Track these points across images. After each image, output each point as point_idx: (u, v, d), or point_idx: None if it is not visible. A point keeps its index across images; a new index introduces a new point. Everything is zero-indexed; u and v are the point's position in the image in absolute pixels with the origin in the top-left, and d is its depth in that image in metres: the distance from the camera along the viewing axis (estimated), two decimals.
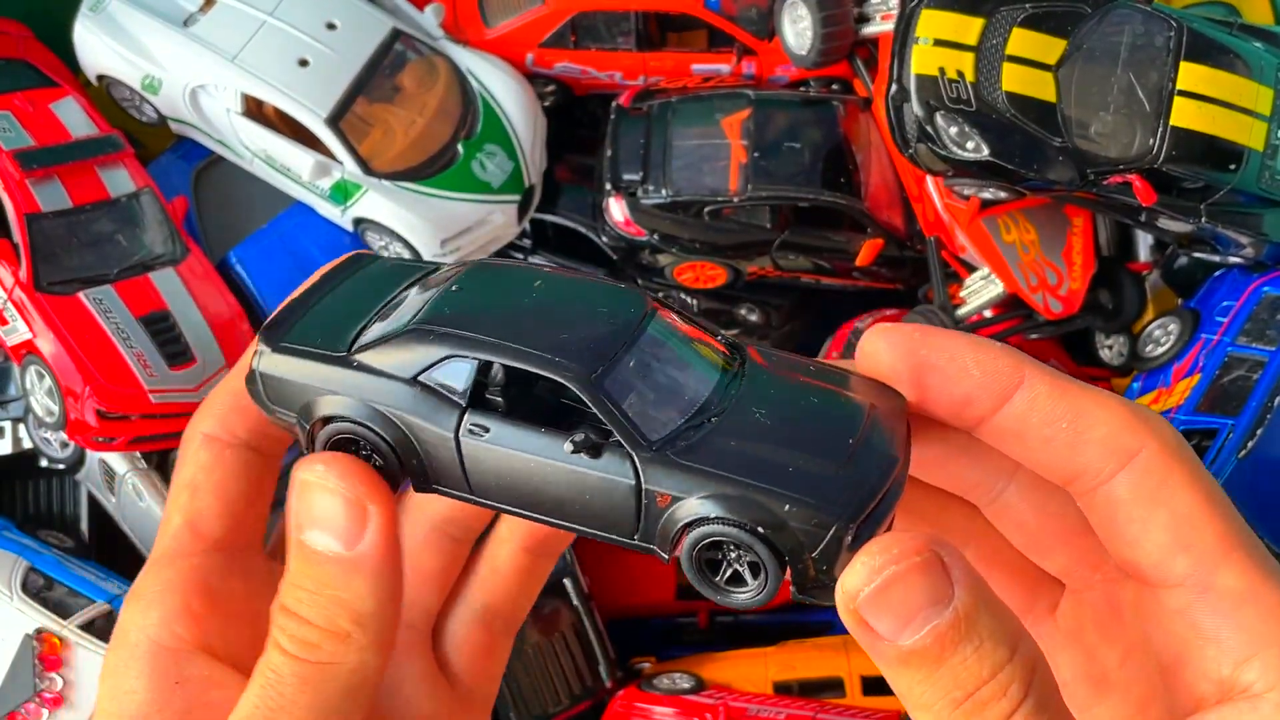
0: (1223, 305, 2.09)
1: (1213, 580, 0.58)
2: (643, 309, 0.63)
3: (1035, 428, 0.61)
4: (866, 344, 0.64)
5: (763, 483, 0.58)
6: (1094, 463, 0.60)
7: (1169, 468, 0.60)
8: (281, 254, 2.29)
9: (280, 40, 2.18)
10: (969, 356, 0.62)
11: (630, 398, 0.60)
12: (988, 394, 0.61)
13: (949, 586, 0.54)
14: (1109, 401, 0.61)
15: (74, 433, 1.99)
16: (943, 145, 1.87)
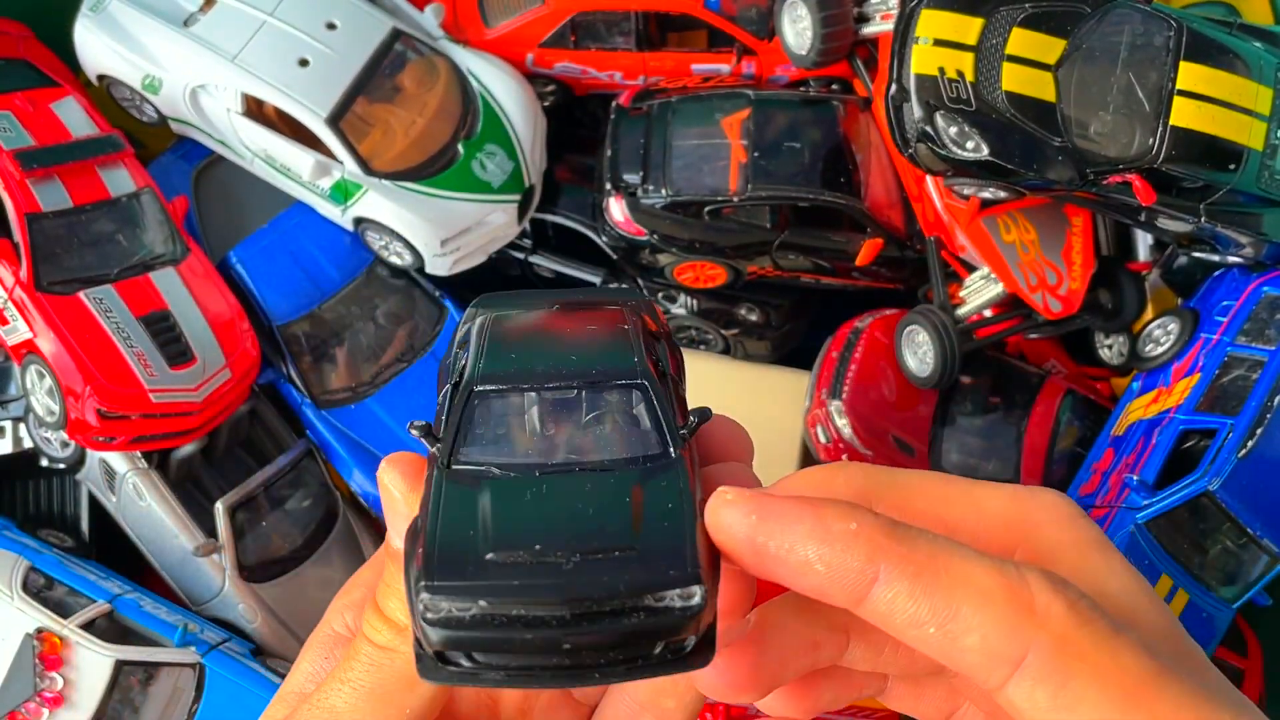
0: (1222, 305, 2.09)
1: None
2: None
3: (900, 630, 0.52)
4: (709, 513, 0.56)
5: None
6: (978, 673, 0.51)
7: (1066, 669, 0.50)
8: (281, 254, 2.29)
9: (280, 40, 2.18)
10: (811, 549, 0.52)
11: None
12: (838, 592, 0.52)
13: None
14: (987, 595, 0.51)
15: (74, 432, 2.00)
16: (942, 145, 1.87)
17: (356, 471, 2.25)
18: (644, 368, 0.63)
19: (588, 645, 0.53)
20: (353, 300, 2.33)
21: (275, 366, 2.29)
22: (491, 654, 0.54)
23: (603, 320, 0.67)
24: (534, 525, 0.56)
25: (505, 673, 0.54)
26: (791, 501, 0.54)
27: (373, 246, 2.31)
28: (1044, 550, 0.57)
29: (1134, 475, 1.97)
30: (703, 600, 0.53)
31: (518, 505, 0.58)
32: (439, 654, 0.55)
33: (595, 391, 0.63)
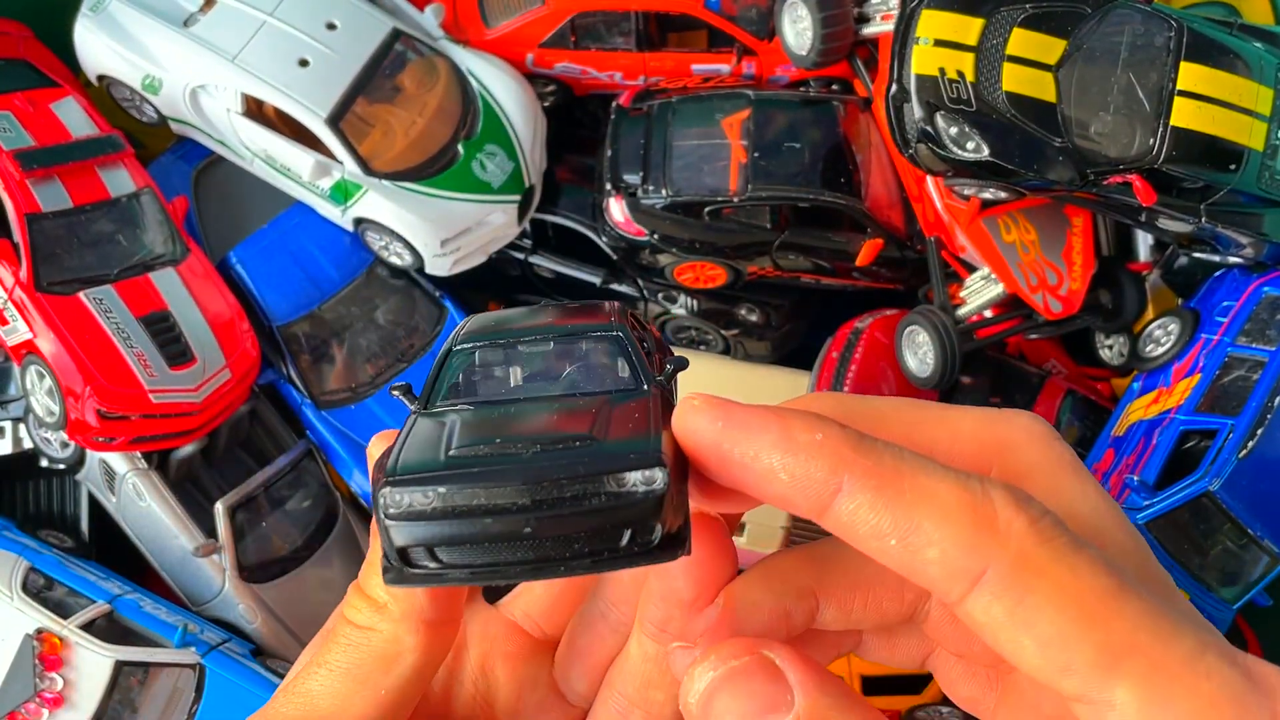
0: (1223, 305, 2.09)
1: (1108, 698, 0.50)
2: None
3: (864, 541, 0.52)
4: (676, 418, 0.56)
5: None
6: (938, 586, 0.51)
7: (1026, 584, 0.49)
8: (281, 254, 2.29)
9: (280, 40, 2.18)
10: (775, 458, 0.52)
11: None
12: (804, 501, 0.52)
13: (785, 693, 0.50)
14: (948, 509, 0.51)
15: (74, 433, 1.99)
16: (943, 145, 1.87)
17: (356, 472, 2.25)
18: (620, 325, 0.63)
19: (550, 533, 0.53)
20: (353, 300, 2.33)
21: (275, 367, 2.29)
22: (454, 548, 0.53)
23: (585, 309, 0.68)
24: (499, 428, 0.57)
25: (470, 570, 0.53)
26: (758, 410, 0.53)
27: (373, 247, 2.31)
28: (1017, 470, 0.57)
29: (1134, 476, 1.97)
30: (665, 483, 0.52)
31: (482, 420, 0.59)
32: (404, 558, 0.54)
33: (570, 341, 0.63)
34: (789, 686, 0.50)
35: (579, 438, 0.55)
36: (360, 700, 0.61)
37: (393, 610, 0.60)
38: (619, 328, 0.64)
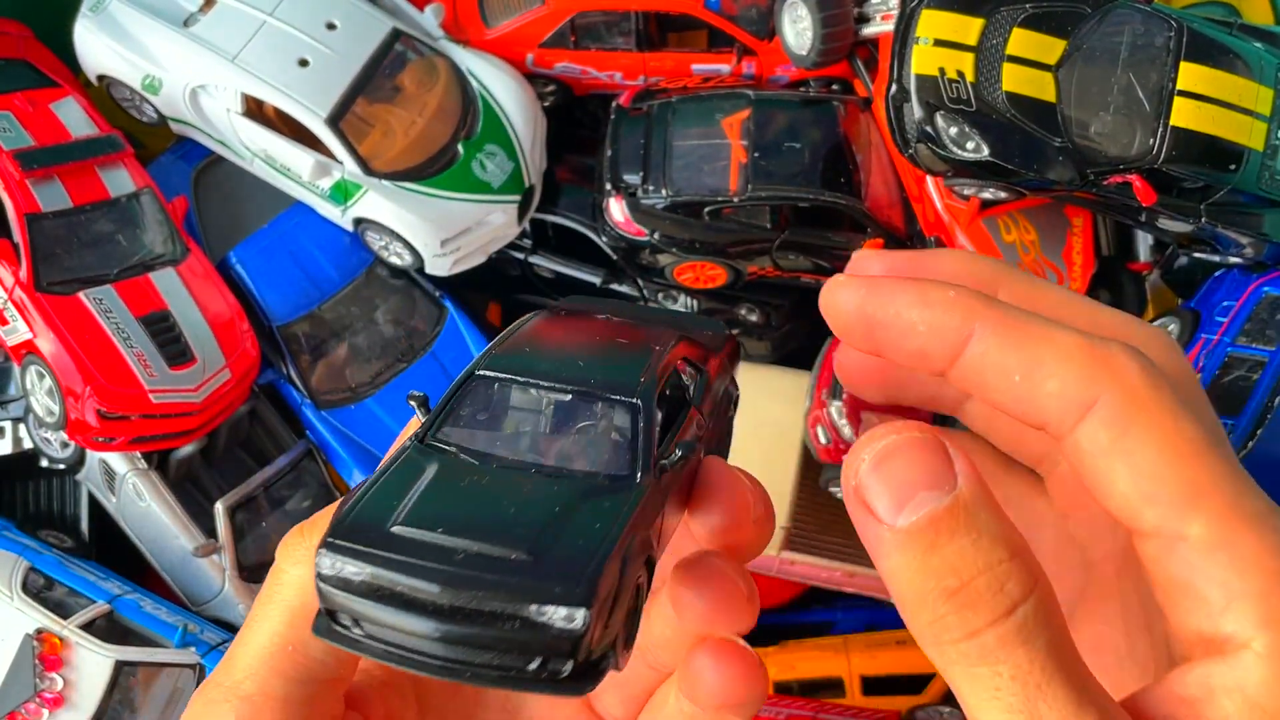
0: (1223, 305, 2.09)
1: (1183, 530, 0.56)
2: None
3: (990, 381, 0.59)
4: (824, 296, 0.64)
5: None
6: (1053, 415, 0.58)
7: (1130, 417, 0.56)
8: (281, 254, 2.29)
9: (280, 40, 2.18)
10: (915, 313, 0.60)
11: None
12: (938, 350, 0.60)
13: (951, 473, 0.53)
14: (1069, 349, 0.58)
15: (74, 433, 1.99)
16: (943, 145, 1.87)
17: (356, 472, 2.25)
18: (647, 389, 0.62)
19: (461, 641, 0.53)
20: (353, 300, 2.33)
21: (275, 367, 2.29)
22: (372, 625, 0.54)
23: (638, 337, 0.67)
24: (452, 510, 0.56)
25: (386, 647, 0.54)
26: (896, 278, 0.62)
27: (372, 247, 2.31)
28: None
29: None
30: (584, 626, 0.52)
31: (450, 488, 0.58)
32: (330, 614, 0.55)
33: (586, 401, 0.62)
34: (954, 471, 0.53)
35: (520, 550, 0.54)
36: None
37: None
38: (643, 394, 0.62)
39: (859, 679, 2.15)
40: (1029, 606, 0.52)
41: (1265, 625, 0.54)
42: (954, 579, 0.52)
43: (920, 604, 0.53)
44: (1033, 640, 0.52)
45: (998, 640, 0.52)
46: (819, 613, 2.36)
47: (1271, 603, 0.54)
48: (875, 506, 0.53)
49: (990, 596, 0.52)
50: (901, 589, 0.54)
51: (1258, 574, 0.54)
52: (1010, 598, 0.52)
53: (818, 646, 2.24)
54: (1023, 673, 0.51)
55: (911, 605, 0.54)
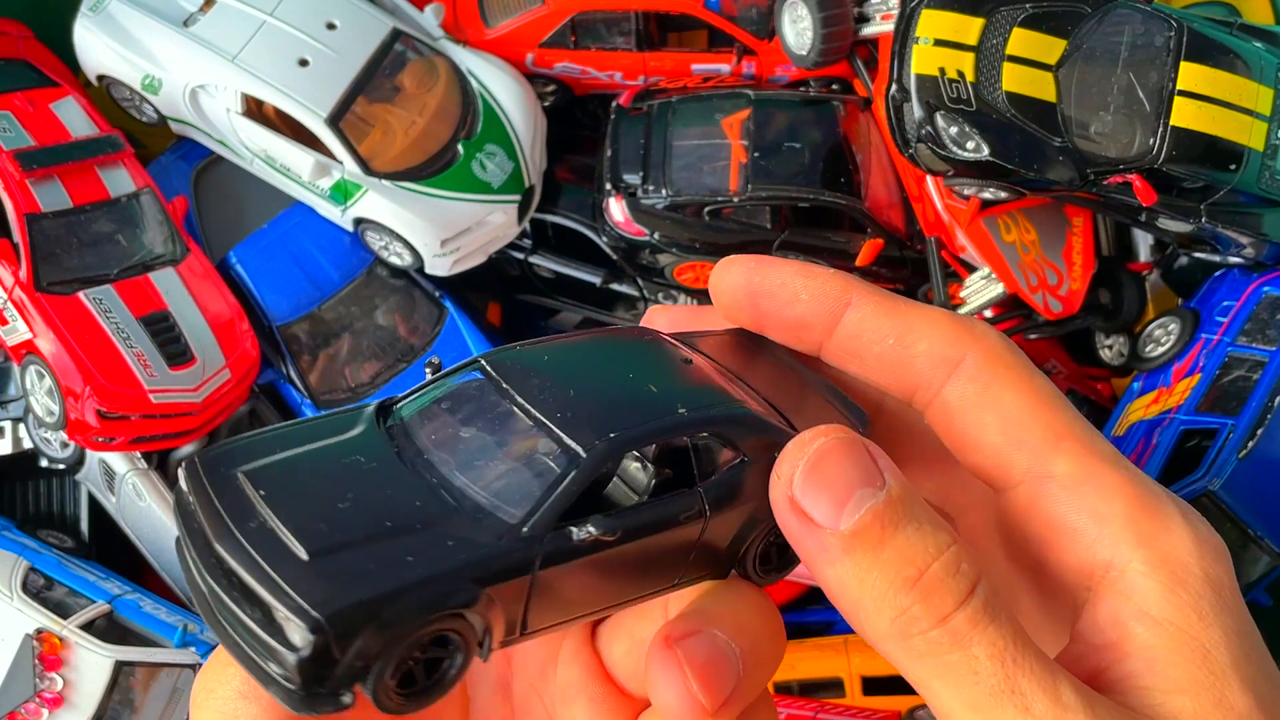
0: (1223, 305, 2.09)
1: (1050, 470, 0.59)
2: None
3: (866, 345, 0.63)
4: (715, 274, 0.66)
5: None
6: (923, 374, 0.61)
7: (994, 372, 0.60)
8: (281, 254, 2.29)
9: (280, 40, 2.18)
10: (799, 282, 0.64)
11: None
12: (818, 317, 0.63)
13: (877, 471, 0.54)
14: (935, 316, 0.62)
15: (74, 433, 1.99)
16: (943, 145, 1.87)
17: None
18: (612, 446, 0.57)
19: (221, 604, 0.53)
20: (352, 301, 2.33)
21: (275, 366, 2.29)
22: (185, 550, 0.56)
23: (704, 389, 0.63)
24: (301, 481, 0.56)
25: (190, 572, 0.56)
26: (781, 259, 0.66)
27: (372, 247, 2.31)
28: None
29: None
30: (307, 646, 0.49)
31: (329, 460, 0.58)
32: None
33: (541, 434, 0.58)
34: (880, 468, 0.55)
35: (304, 541, 0.52)
36: None
37: None
38: (599, 451, 0.56)
39: (859, 679, 2.15)
40: (986, 584, 0.53)
41: (1139, 544, 0.55)
42: (911, 569, 0.52)
43: (880, 602, 0.53)
44: (999, 615, 0.52)
45: (968, 621, 0.52)
46: (819, 613, 2.36)
47: (1140, 524, 0.56)
48: (814, 514, 0.54)
49: (950, 579, 0.52)
50: (856, 593, 0.53)
51: (1122, 500, 0.57)
52: (967, 578, 0.53)
53: (818, 646, 2.24)
54: (998, 650, 0.52)
55: (870, 606, 0.53)
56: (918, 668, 0.54)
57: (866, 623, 0.54)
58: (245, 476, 0.56)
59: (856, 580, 0.53)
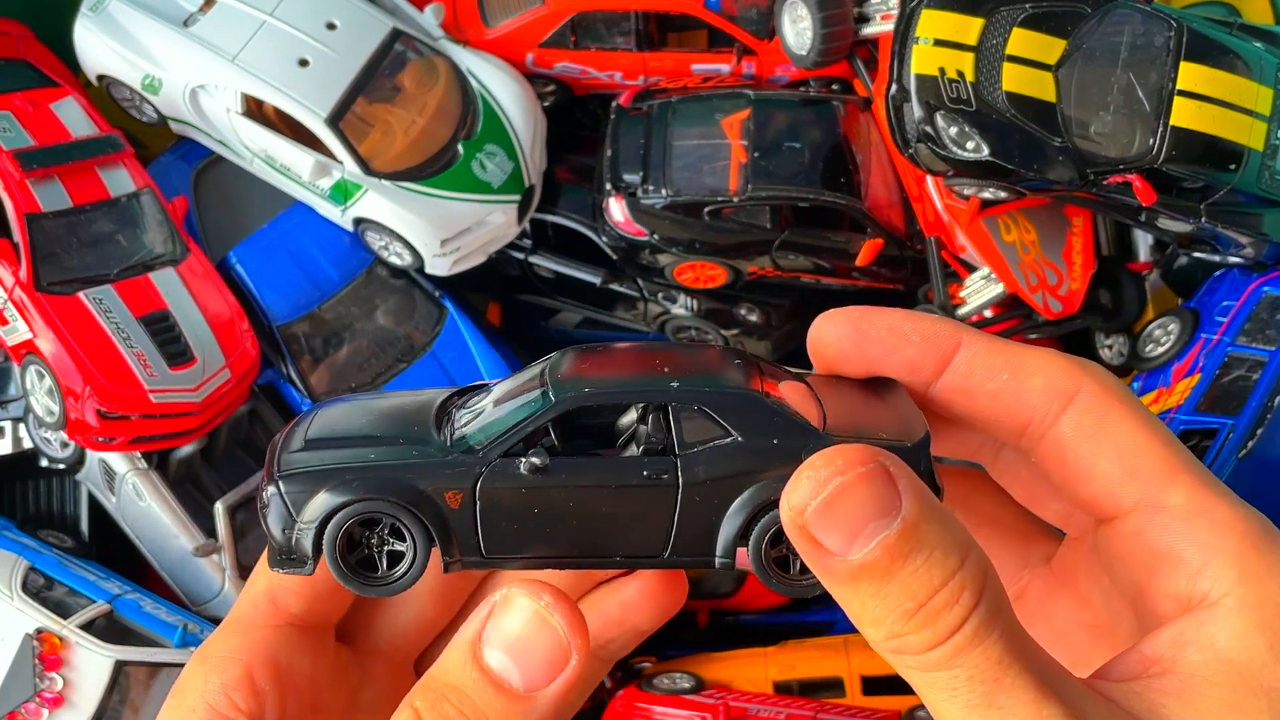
0: (1223, 305, 2.09)
1: (1163, 501, 0.60)
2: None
3: (979, 383, 0.65)
4: (814, 330, 0.68)
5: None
6: (1038, 408, 0.64)
7: (1108, 404, 0.63)
8: (281, 254, 2.29)
9: (280, 40, 2.18)
10: (907, 326, 0.66)
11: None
12: (929, 358, 0.65)
13: (896, 497, 0.54)
14: (1048, 353, 0.65)
15: (74, 433, 1.99)
16: (943, 145, 1.87)
17: None
18: (578, 394, 0.63)
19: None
20: (352, 300, 2.33)
21: (275, 366, 2.29)
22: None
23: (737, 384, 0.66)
24: (361, 405, 0.69)
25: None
26: (883, 307, 0.68)
27: (372, 247, 2.31)
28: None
29: None
30: (268, 501, 0.62)
31: (394, 401, 0.69)
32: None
33: (535, 391, 0.66)
34: (899, 493, 0.55)
35: (299, 445, 0.66)
36: None
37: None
38: (564, 395, 0.63)
39: (859, 679, 2.15)
40: (983, 608, 0.54)
41: (1240, 581, 0.57)
42: (911, 602, 0.54)
43: (878, 626, 0.55)
44: (987, 640, 0.54)
45: (954, 649, 0.54)
46: (819, 613, 2.36)
47: (1246, 561, 0.57)
48: (825, 543, 0.55)
49: (946, 611, 0.54)
50: (857, 611, 0.56)
51: (1233, 536, 0.58)
52: (965, 608, 0.54)
53: (818, 646, 2.24)
54: (980, 672, 0.54)
55: (868, 626, 0.56)
56: (909, 676, 0.57)
57: (865, 633, 0.57)
58: (318, 409, 0.69)
59: (859, 604, 0.55)
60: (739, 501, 0.62)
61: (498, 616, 0.60)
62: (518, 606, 0.60)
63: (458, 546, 0.62)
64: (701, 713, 2.06)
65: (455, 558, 0.63)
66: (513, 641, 0.59)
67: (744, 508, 0.62)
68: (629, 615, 0.74)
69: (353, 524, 0.62)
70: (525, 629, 0.59)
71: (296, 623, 0.70)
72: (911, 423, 0.65)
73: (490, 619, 0.60)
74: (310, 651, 0.70)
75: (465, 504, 0.61)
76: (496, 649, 0.59)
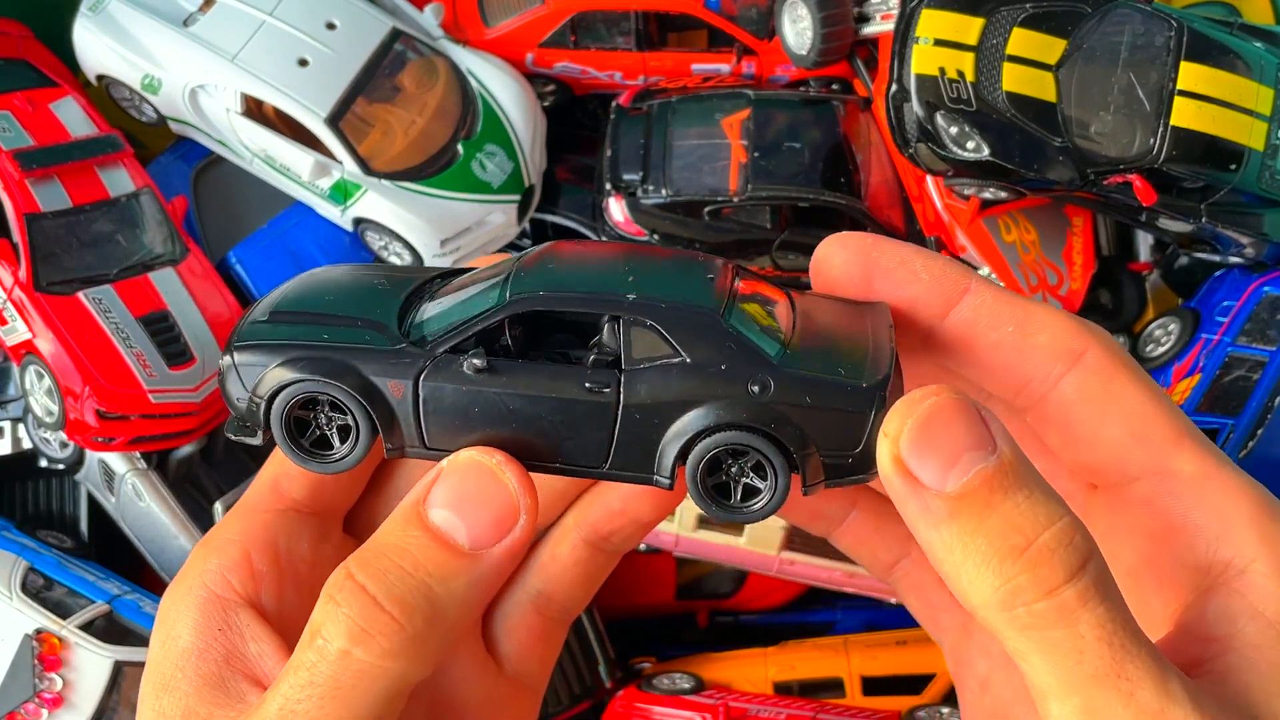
0: (1223, 305, 2.09)
1: (1172, 467, 0.58)
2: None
3: (982, 332, 0.62)
4: (821, 250, 0.65)
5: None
6: (1042, 366, 0.61)
7: (1115, 367, 0.60)
8: (281, 254, 2.29)
9: (280, 40, 2.18)
10: (918, 262, 0.63)
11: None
12: (935, 297, 0.62)
13: (989, 433, 0.52)
14: (1051, 310, 0.62)
15: (73, 433, 1.99)
16: (943, 145, 1.87)
17: None
18: (522, 299, 0.62)
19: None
20: None
21: None
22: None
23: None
24: (333, 279, 0.70)
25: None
26: (897, 240, 0.65)
27: (372, 247, 2.31)
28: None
29: None
30: (223, 369, 0.65)
31: (368, 275, 0.71)
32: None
33: (498, 289, 0.65)
34: (992, 431, 0.52)
35: (262, 316, 0.68)
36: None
37: (421, 643, 0.57)
38: (515, 300, 0.63)
39: (859, 679, 2.15)
40: (1098, 560, 0.50)
41: (1263, 545, 0.55)
42: (1020, 537, 0.50)
43: (984, 569, 0.50)
44: (1111, 595, 0.50)
45: (1078, 597, 0.49)
46: (819, 613, 2.36)
47: (1264, 524, 0.56)
48: (920, 474, 0.51)
49: (1062, 551, 0.49)
50: (959, 558, 0.51)
51: (1247, 501, 0.56)
52: (1080, 552, 0.50)
53: (818, 646, 2.24)
54: (1107, 632, 0.49)
55: (973, 573, 0.51)
56: (1019, 640, 0.51)
57: (970, 588, 0.51)
58: (303, 276, 0.70)
59: (961, 544, 0.50)
60: (678, 425, 0.60)
61: (445, 477, 0.59)
62: (466, 464, 0.58)
63: (401, 434, 0.62)
64: (701, 713, 2.06)
65: (398, 445, 0.63)
66: (458, 498, 0.57)
67: (683, 433, 0.60)
68: (630, 506, 0.73)
69: (299, 400, 0.63)
70: (472, 485, 0.58)
71: (300, 508, 0.69)
72: (878, 362, 0.61)
73: (437, 480, 0.59)
74: (312, 538, 0.69)
75: (406, 395, 0.61)
76: (441, 507, 0.58)
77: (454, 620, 0.57)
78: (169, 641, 0.64)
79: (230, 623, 0.64)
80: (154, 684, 0.64)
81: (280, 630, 0.65)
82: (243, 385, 0.63)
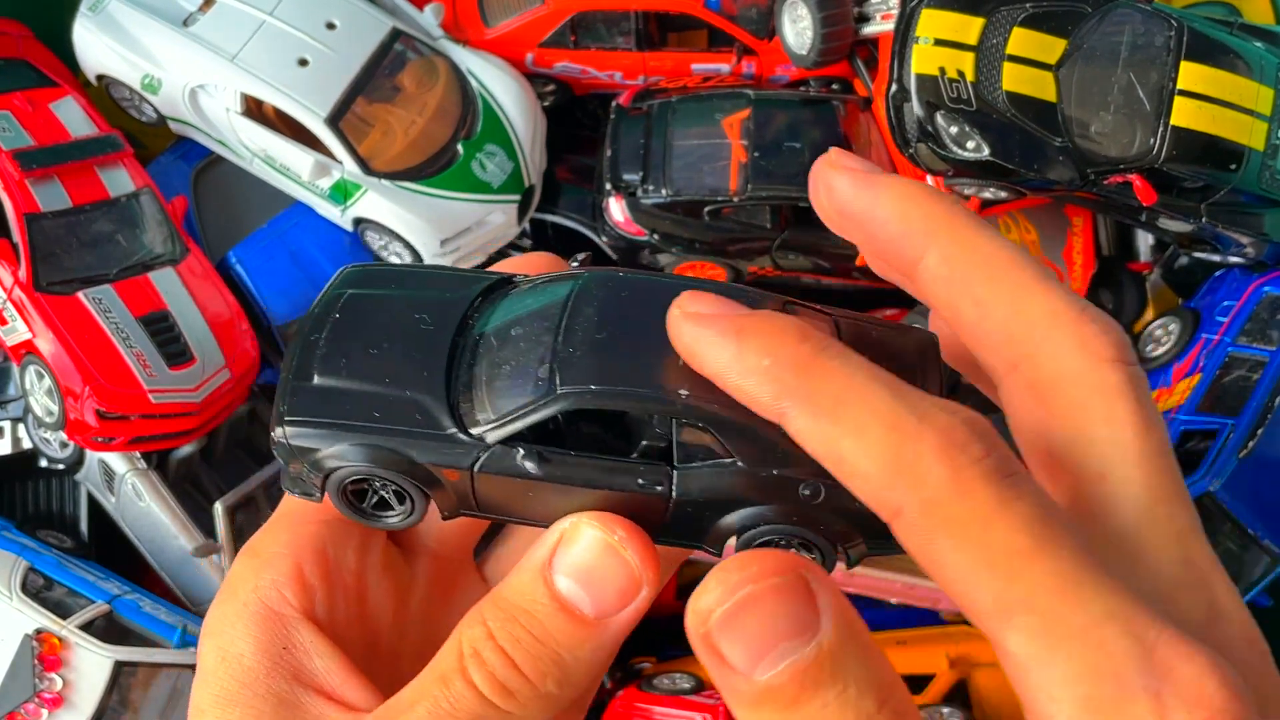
0: (1223, 305, 2.08)
1: (1005, 645, 0.49)
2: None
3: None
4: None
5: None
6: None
7: (931, 530, 0.50)
8: (281, 254, 2.29)
9: (280, 40, 2.18)
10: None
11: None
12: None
13: (815, 617, 0.47)
14: (872, 440, 0.51)
15: (73, 433, 1.99)
16: (943, 145, 1.87)
17: None
18: (572, 394, 0.60)
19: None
20: None
21: (275, 366, 2.28)
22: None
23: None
24: (373, 319, 0.70)
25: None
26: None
27: (372, 247, 2.31)
28: (1043, 377, 0.56)
29: None
30: (276, 448, 0.64)
31: (409, 311, 0.69)
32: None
33: (548, 360, 0.63)
34: (819, 612, 0.47)
35: (311, 378, 0.65)
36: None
37: (552, 704, 0.59)
38: (567, 395, 0.61)
39: None
40: None
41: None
42: None
43: None
44: None
45: None
46: None
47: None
48: (729, 657, 0.48)
49: None
50: None
51: (1069, 704, 0.47)
52: None
53: None
54: None
55: None
56: None
57: None
58: (345, 299, 0.70)
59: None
60: (730, 518, 0.62)
61: (567, 544, 0.58)
62: (588, 539, 0.58)
63: (457, 504, 0.64)
64: (701, 713, 2.06)
65: (453, 511, 0.64)
66: (583, 572, 0.58)
67: (733, 525, 0.62)
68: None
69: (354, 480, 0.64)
70: (595, 560, 0.58)
71: (344, 517, 0.69)
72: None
73: (560, 546, 0.59)
74: (357, 548, 0.69)
75: (464, 480, 0.62)
76: (565, 575, 0.58)
77: (581, 681, 0.60)
78: (229, 658, 0.63)
79: (294, 640, 0.64)
80: (215, 696, 0.63)
81: (335, 641, 0.65)
82: (296, 456, 0.63)
